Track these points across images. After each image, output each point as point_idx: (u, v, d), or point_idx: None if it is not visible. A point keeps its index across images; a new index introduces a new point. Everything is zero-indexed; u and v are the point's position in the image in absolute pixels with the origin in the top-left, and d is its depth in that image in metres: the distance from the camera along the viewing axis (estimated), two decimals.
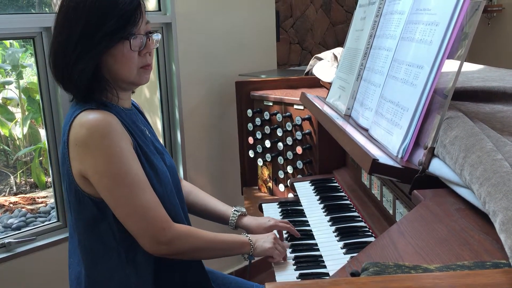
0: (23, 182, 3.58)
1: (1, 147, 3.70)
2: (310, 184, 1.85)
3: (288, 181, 1.99)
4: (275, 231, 1.48)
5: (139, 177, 1.23)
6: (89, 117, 1.21)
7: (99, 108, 1.25)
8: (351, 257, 1.27)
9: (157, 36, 1.34)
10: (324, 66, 2.20)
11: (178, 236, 1.26)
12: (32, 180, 3.54)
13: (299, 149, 1.99)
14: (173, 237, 1.25)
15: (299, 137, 1.98)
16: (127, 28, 1.24)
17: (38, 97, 2.57)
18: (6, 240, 2.08)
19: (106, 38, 1.22)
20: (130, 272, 1.29)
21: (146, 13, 1.32)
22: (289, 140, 2.04)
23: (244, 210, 1.55)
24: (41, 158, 3.53)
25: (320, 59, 2.32)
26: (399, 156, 1.09)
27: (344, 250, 1.34)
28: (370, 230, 1.43)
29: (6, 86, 3.74)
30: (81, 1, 1.23)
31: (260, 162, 2.25)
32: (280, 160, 2.12)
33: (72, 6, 1.24)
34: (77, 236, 1.31)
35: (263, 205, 1.81)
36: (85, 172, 1.22)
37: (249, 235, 1.38)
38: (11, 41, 3.63)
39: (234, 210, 1.54)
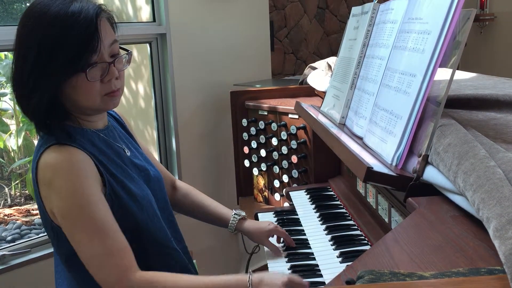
0: (18, 194, 3.55)
1: None
2: (306, 193, 1.85)
3: (284, 190, 1.99)
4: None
5: (102, 222, 1.11)
6: (53, 156, 1.12)
7: (62, 142, 1.14)
8: (347, 265, 1.26)
9: (126, 57, 1.22)
10: (318, 75, 2.21)
11: (136, 287, 1.11)
12: (27, 192, 3.52)
13: (294, 158, 1.99)
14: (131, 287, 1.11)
15: (294, 146, 1.99)
16: (85, 57, 1.11)
17: None
18: (1, 253, 2.07)
19: (60, 69, 1.10)
20: None
21: (116, 28, 1.21)
22: (284, 149, 2.04)
23: (243, 214, 1.53)
24: None
25: (314, 68, 2.33)
26: (394, 164, 1.10)
27: (340, 259, 1.34)
28: (366, 239, 1.43)
29: (1, 98, 3.73)
30: (34, 27, 1.12)
31: (255, 171, 2.25)
32: (276, 169, 2.12)
33: (25, 32, 1.13)
34: (60, 267, 1.26)
35: (259, 215, 1.81)
36: (54, 211, 1.15)
37: (253, 275, 1.11)
38: (5, 53, 3.63)
39: (234, 214, 1.52)
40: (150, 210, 1.26)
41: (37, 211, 3.31)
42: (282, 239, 1.50)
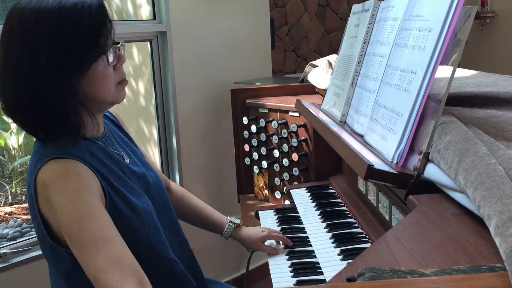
0: (19, 192, 3.56)
1: None
2: (306, 191, 1.85)
3: (284, 188, 1.99)
4: (272, 241, 1.48)
5: (101, 235, 1.04)
6: (53, 171, 1.07)
7: (63, 154, 1.08)
8: (348, 263, 1.27)
9: (123, 46, 1.18)
10: (319, 73, 2.21)
11: None
12: None
13: (295, 156, 1.99)
14: None
15: (294, 144, 1.99)
16: (100, 41, 1.08)
17: None
18: (2, 251, 2.07)
19: (80, 57, 1.06)
20: None
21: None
22: (285, 147, 2.04)
23: (238, 221, 1.54)
24: None
25: (315, 66, 2.33)
26: (394, 161, 1.10)
27: (341, 257, 1.34)
28: (367, 236, 1.43)
29: None
30: (39, 15, 1.04)
31: (256, 169, 2.25)
32: (276, 167, 2.12)
33: (31, 22, 1.04)
34: (56, 284, 1.24)
35: (260, 213, 1.81)
36: (59, 228, 1.09)
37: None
38: None
39: (229, 222, 1.53)
40: (151, 223, 1.22)
41: None
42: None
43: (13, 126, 3.65)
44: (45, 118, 1.09)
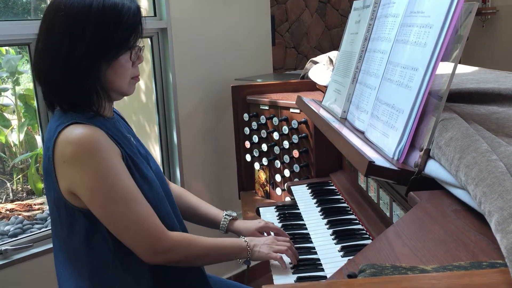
0: (20, 189, 3.56)
1: None
2: (307, 187, 1.85)
3: (285, 184, 1.99)
4: (272, 234, 1.49)
5: (131, 190, 1.21)
6: (75, 132, 1.18)
7: (84, 121, 1.21)
8: (349, 259, 1.27)
9: (143, 48, 1.35)
10: (319, 69, 2.21)
11: (175, 245, 1.25)
12: (28, 187, 3.52)
13: (295, 153, 1.99)
14: (169, 247, 1.24)
15: (295, 141, 1.99)
16: (131, 39, 1.26)
17: (34, 103, 2.57)
18: (3, 248, 2.07)
19: (114, 48, 1.23)
20: (128, 281, 1.27)
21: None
22: (285, 144, 2.04)
23: (235, 214, 1.55)
24: (37, 165, 3.52)
25: (315, 62, 2.33)
26: (395, 158, 1.10)
27: (341, 253, 1.34)
28: (368, 233, 1.43)
29: (2, 93, 3.73)
30: (84, 7, 1.20)
31: (257, 166, 2.25)
32: (277, 163, 2.12)
33: (75, 13, 1.20)
34: (71, 251, 1.27)
35: (260, 209, 1.81)
36: (75, 189, 1.19)
37: (247, 239, 1.37)
38: (6, 47, 3.62)
39: (225, 215, 1.54)
40: (159, 193, 1.32)
41: (39, 206, 3.32)
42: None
43: (14, 123, 3.65)
44: (72, 95, 1.23)
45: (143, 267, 1.28)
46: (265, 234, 1.50)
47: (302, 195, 1.80)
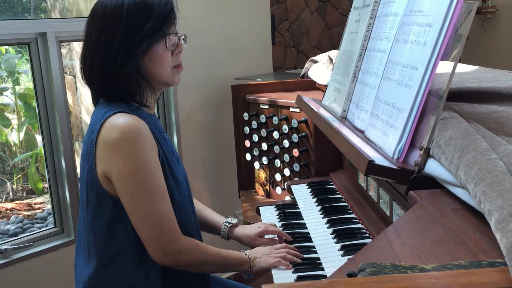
0: (20, 188, 3.56)
1: None
2: (307, 186, 1.85)
3: (285, 183, 1.99)
4: (271, 235, 1.49)
5: (160, 186, 1.25)
6: (122, 120, 1.23)
7: (131, 112, 1.26)
8: (349, 259, 1.27)
9: (185, 38, 1.41)
10: (319, 68, 2.21)
11: (185, 249, 1.28)
12: (29, 186, 3.53)
13: (295, 152, 1.99)
14: (180, 249, 1.27)
15: (295, 140, 1.99)
16: (164, 28, 1.29)
17: (34, 103, 2.57)
18: (3, 247, 2.08)
19: (146, 39, 1.26)
20: (140, 274, 1.29)
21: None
22: (285, 143, 2.04)
23: (235, 221, 1.56)
24: (37, 164, 3.52)
25: (315, 61, 2.32)
26: (395, 157, 1.10)
27: (341, 252, 1.34)
28: (368, 232, 1.43)
29: (2, 92, 3.73)
30: (117, 6, 1.26)
31: (257, 165, 2.25)
32: (277, 163, 2.12)
33: (109, 12, 1.27)
34: (92, 235, 1.31)
35: (261, 208, 1.81)
36: (110, 174, 1.23)
37: (248, 253, 1.39)
38: (6, 47, 3.62)
39: (225, 222, 1.56)
40: (185, 195, 1.36)
41: (39, 205, 3.32)
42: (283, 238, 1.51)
43: (14, 122, 3.65)
44: (113, 86, 1.28)
45: (155, 264, 1.30)
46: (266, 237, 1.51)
47: (302, 194, 1.80)
